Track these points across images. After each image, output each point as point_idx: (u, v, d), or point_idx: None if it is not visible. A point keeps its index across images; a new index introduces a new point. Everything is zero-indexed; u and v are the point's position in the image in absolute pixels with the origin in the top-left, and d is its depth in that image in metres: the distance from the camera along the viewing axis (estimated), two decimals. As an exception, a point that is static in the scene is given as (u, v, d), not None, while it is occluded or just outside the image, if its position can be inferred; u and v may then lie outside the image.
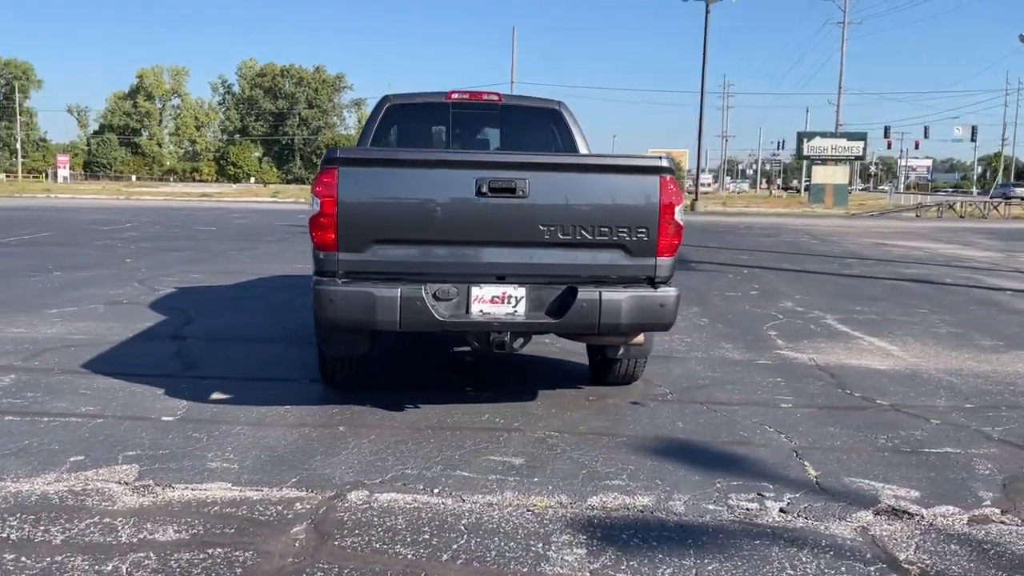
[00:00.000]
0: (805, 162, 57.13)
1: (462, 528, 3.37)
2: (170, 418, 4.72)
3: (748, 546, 3.25)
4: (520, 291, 4.53)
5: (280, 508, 3.53)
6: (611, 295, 4.49)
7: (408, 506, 3.57)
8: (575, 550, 3.19)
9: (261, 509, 3.52)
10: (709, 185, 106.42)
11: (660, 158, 4.62)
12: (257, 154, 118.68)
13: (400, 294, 4.37)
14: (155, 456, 4.11)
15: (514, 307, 4.53)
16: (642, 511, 3.58)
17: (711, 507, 3.62)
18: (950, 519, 3.55)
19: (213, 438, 4.39)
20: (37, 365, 5.88)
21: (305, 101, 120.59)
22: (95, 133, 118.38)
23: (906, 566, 3.12)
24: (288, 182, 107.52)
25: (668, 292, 4.59)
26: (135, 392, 5.23)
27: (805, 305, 9.55)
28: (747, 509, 3.61)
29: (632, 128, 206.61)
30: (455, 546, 3.20)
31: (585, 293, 4.47)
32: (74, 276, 10.77)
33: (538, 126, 6.70)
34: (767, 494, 3.77)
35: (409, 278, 4.46)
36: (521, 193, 4.42)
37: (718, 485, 3.87)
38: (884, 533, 3.40)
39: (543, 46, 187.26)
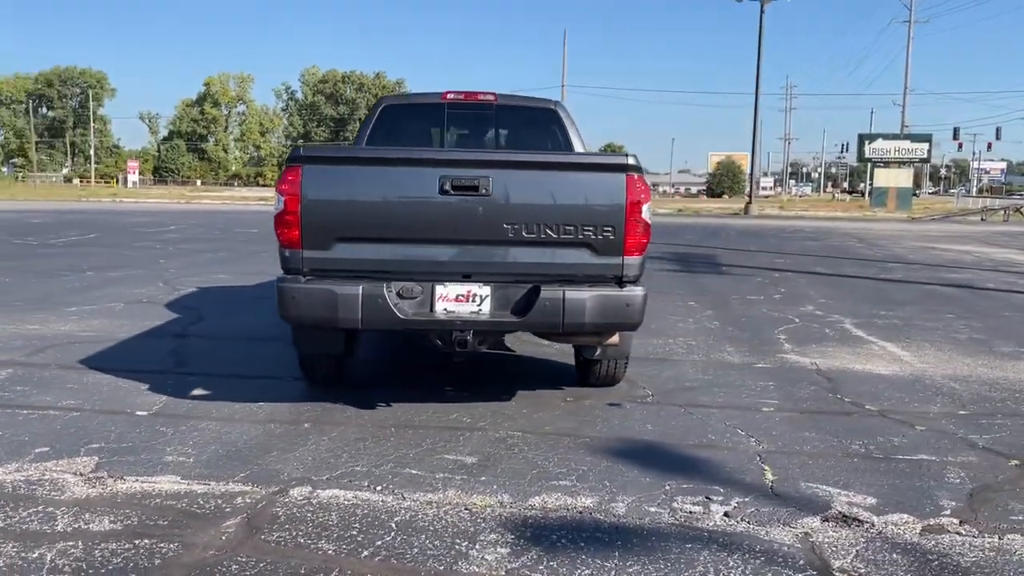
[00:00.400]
0: (869, 165, 55.82)
1: (392, 525, 3.35)
2: (144, 413, 4.81)
3: (677, 549, 3.18)
4: (485, 290, 4.50)
5: (220, 502, 3.57)
6: (575, 294, 4.43)
7: (346, 503, 3.58)
8: (498, 549, 3.16)
9: (201, 503, 3.56)
10: (770, 188, 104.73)
11: (626, 156, 4.54)
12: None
13: (361, 292, 4.38)
14: (117, 449, 4.19)
15: (479, 306, 4.50)
16: (581, 512, 3.52)
17: (653, 509, 3.55)
18: (901, 528, 3.42)
19: (179, 433, 4.46)
20: (37, 360, 6.06)
21: (365, 106, 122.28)
22: (164, 139, 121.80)
23: (838, 575, 3.01)
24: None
25: (634, 292, 4.51)
26: (120, 387, 5.34)
27: (827, 309, 9.31)
28: (690, 512, 3.53)
29: (692, 131, 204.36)
30: (379, 543, 3.19)
31: (548, 292, 4.42)
32: (105, 276, 11.08)
33: (533, 126, 6.67)
34: (715, 498, 3.68)
35: (374, 276, 4.47)
36: (484, 191, 4.39)
37: (667, 487, 3.79)
38: (826, 540, 3.29)
39: (599, 48, 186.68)
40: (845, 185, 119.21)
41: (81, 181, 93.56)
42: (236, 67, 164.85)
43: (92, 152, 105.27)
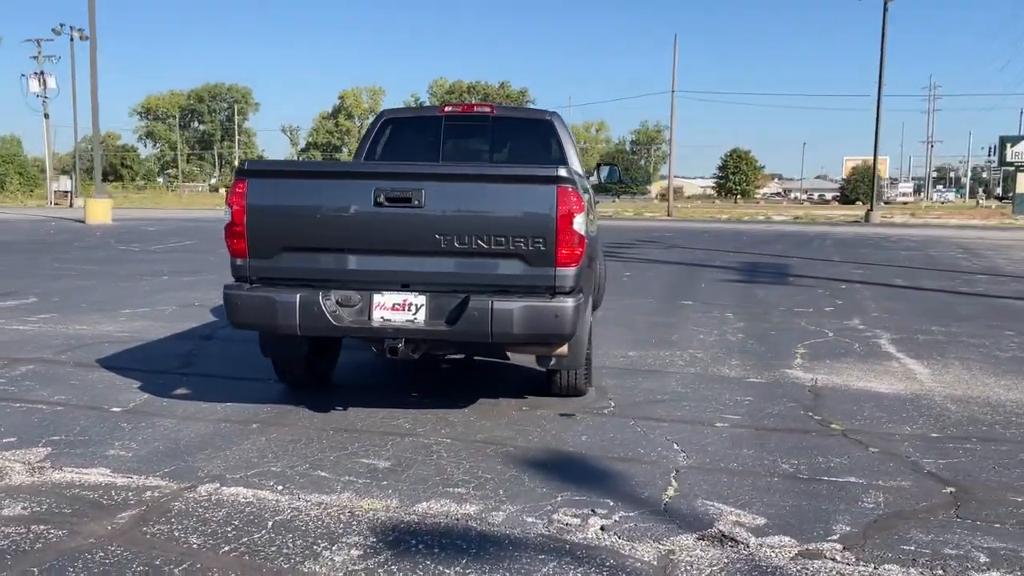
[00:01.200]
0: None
1: (269, 524, 3.51)
2: (118, 409, 5.17)
3: (527, 560, 3.19)
4: (420, 299, 4.61)
5: (130, 495, 3.81)
6: (502, 304, 4.48)
7: (241, 501, 3.76)
8: (351, 551, 3.26)
9: (113, 495, 3.81)
10: (909, 195, 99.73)
11: (557, 168, 4.56)
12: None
13: (298, 300, 4.58)
14: (74, 442, 4.53)
15: (414, 315, 4.61)
16: (458, 520, 3.58)
17: (530, 520, 3.57)
18: (775, 550, 3.31)
19: (136, 429, 4.77)
20: (62, 359, 6.57)
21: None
22: (302, 150, 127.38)
23: (674, 594, 2.97)
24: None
25: (564, 303, 4.52)
26: (114, 385, 5.74)
27: (874, 323, 8.91)
28: (565, 524, 3.53)
29: (827, 136, 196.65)
30: (245, 540, 3.35)
31: (476, 302, 4.49)
32: (177, 280, 11.80)
33: (528, 137, 6.73)
34: (600, 511, 3.66)
35: (317, 284, 4.66)
36: (417, 203, 4.51)
37: (559, 499, 3.79)
38: (687, 559, 3.23)
39: (725, 52, 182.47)
40: (998, 191, 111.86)
41: (226, 190, 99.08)
42: (369, 80, 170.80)
43: (236, 163, 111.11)
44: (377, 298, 4.63)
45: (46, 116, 54.60)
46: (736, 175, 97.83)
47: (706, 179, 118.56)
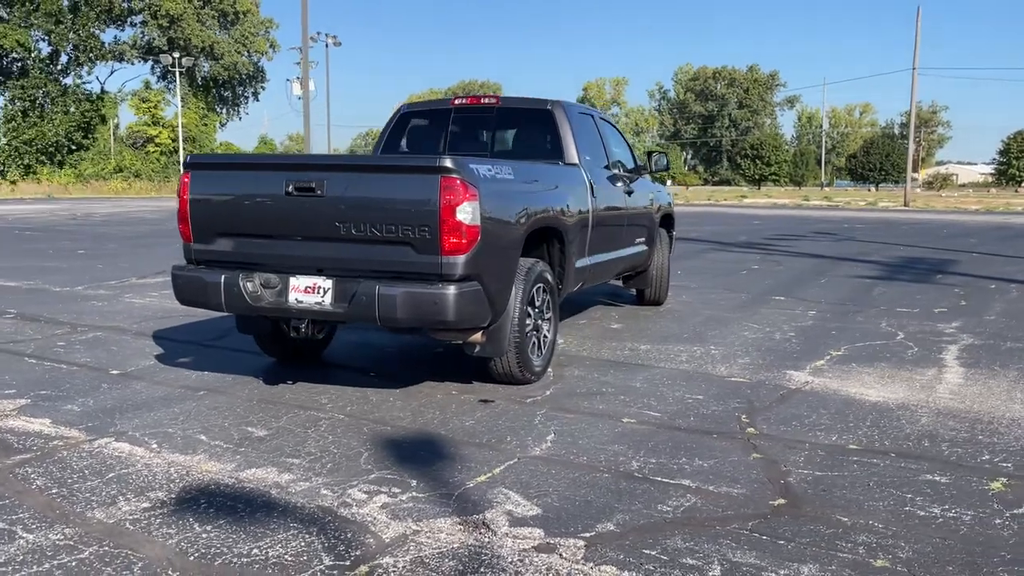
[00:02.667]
0: None
1: (108, 475, 3.97)
2: (116, 372, 5.94)
3: (275, 525, 3.41)
4: (328, 283, 4.93)
5: (41, 441, 4.44)
6: (386, 290, 4.70)
7: (114, 454, 4.27)
8: (141, 504, 3.63)
9: (28, 441, 4.45)
10: None
11: (439, 158, 4.68)
12: (683, 156, 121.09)
13: (223, 280, 5.07)
14: (50, 396, 5.31)
15: (322, 297, 4.95)
16: (264, 486, 3.84)
17: (324, 492, 3.76)
18: (515, 540, 3.30)
19: (111, 389, 5.47)
20: (131, 328, 7.55)
21: (735, 102, 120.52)
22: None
23: (386, 558, 3.10)
24: (715, 184, 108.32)
25: (445, 290, 4.65)
26: (141, 351, 6.57)
27: (970, 328, 7.98)
28: (348, 499, 3.69)
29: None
30: (75, 486, 3.84)
31: (365, 286, 4.74)
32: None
33: (529, 127, 6.81)
34: (396, 490, 3.79)
35: (247, 266, 5.13)
36: (319, 192, 4.84)
37: (372, 476, 3.97)
38: (421, 540, 3.30)
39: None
40: None
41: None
42: (613, 72, 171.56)
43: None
44: (293, 281, 5.00)
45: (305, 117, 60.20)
46: (1020, 160, 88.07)
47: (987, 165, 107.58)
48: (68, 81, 64.09)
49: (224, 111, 76.51)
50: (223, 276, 5.07)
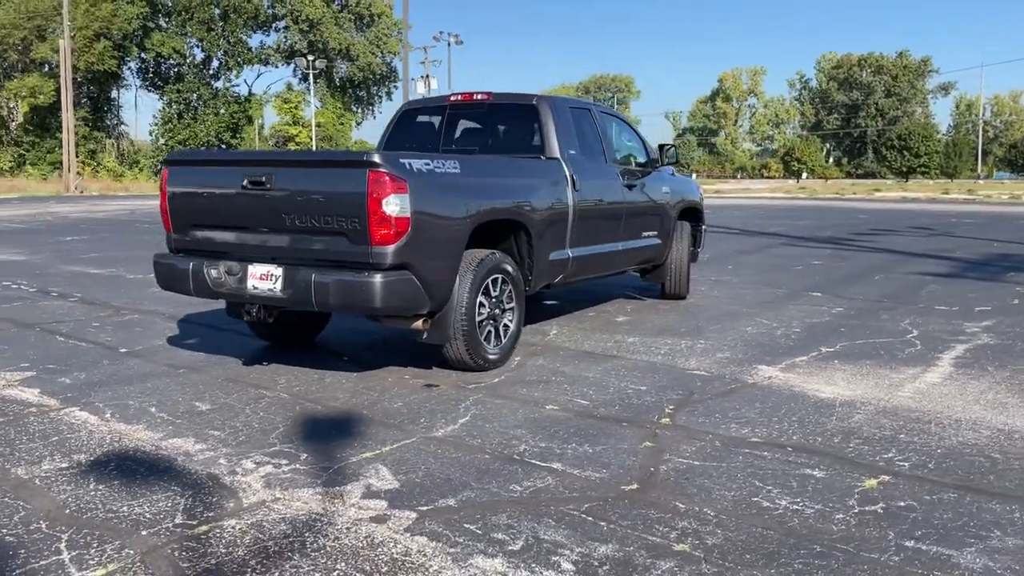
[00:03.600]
0: None
1: (52, 439, 4.47)
2: (124, 350, 6.55)
3: (159, 487, 3.79)
4: (279, 271, 5.32)
5: (17, 407, 5.01)
6: (320, 277, 5.03)
7: (70, 420, 4.77)
8: (61, 464, 4.08)
9: (7, 405, 5.04)
10: None
11: (366, 153, 4.96)
12: (824, 149, 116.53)
13: (191, 268, 5.54)
14: (58, 371, 5.90)
15: (273, 284, 5.33)
16: (176, 454, 4.23)
17: (222, 461, 4.11)
18: (357, 510, 3.56)
19: (110, 365, 6.04)
20: (166, 312, 8.21)
21: (882, 90, 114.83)
22: (678, 136, 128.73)
23: (233, 520, 3.43)
24: (858, 176, 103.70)
25: (371, 279, 4.94)
26: (160, 332, 7.19)
27: (994, 329, 7.59)
28: (236, 468, 4.02)
29: None
30: (19, 445, 4.36)
31: (303, 274, 5.10)
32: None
33: (515, 122, 6.99)
34: (284, 463, 4.09)
35: (217, 255, 5.58)
36: (269, 186, 5.23)
37: (272, 449, 4.29)
38: (271, 508, 3.63)
39: None
40: None
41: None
42: (750, 61, 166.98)
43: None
44: (251, 269, 5.41)
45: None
46: None
47: None
48: (219, 85, 68.31)
49: (359, 110, 79.39)
50: (191, 264, 5.54)
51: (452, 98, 7.28)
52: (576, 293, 9.39)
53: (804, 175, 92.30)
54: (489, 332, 5.80)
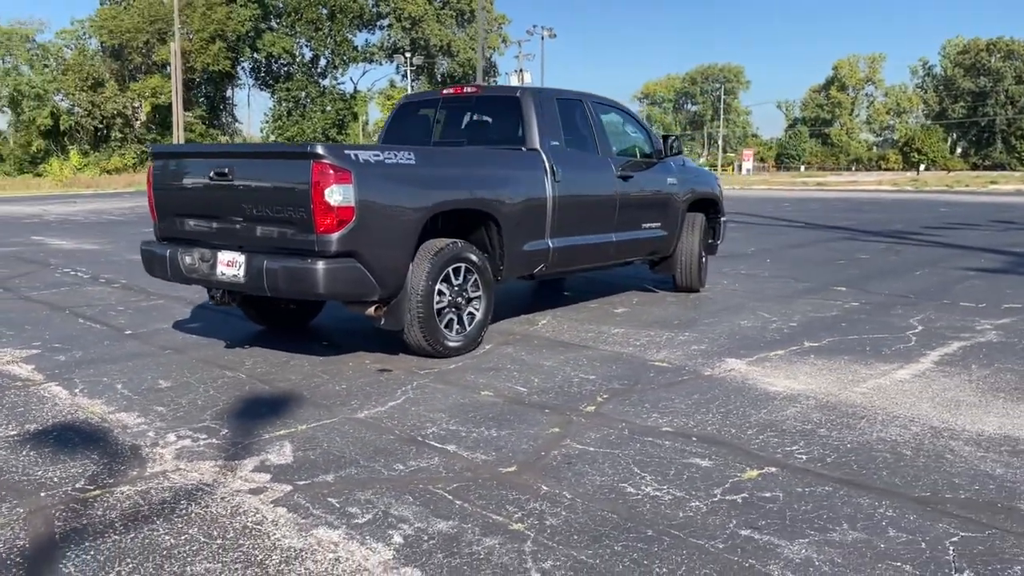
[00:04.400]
0: None
1: (12, 408, 4.90)
2: (129, 332, 7.00)
3: (94, 455, 4.11)
4: (242, 258, 5.61)
5: (3, 380, 5.51)
6: (271, 264, 5.30)
7: (43, 394, 5.17)
8: (11, 431, 4.49)
9: (-1, 381, 5.56)
10: None
11: (309, 145, 5.18)
12: (950, 138, 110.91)
13: (167, 255, 5.90)
14: (57, 348, 6.40)
15: (238, 271, 5.64)
16: (119, 427, 4.54)
17: (150, 433, 4.43)
18: (233, 476, 3.79)
19: (109, 346, 6.49)
20: (188, 297, 8.68)
21: (1012, 76, 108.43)
22: (788, 126, 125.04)
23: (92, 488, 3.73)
24: (985, 168, 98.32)
25: (314, 265, 5.17)
26: (170, 316, 7.64)
27: (1007, 327, 7.24)
28: (154, 439, 4.33)
29: None
30: (-14, 415, 4.82)
31: (257, 260, 5.37)
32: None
33: (499, 114, 7.09)
34: (203, 436, 4.37)
35: (194, 243, 5.93)
36: (231, 178, 5.53)
37: (200, 425, 4.56)
38: (163, 476, 3.91)
39: None
40: None
41: (711, 169, 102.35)
42: (867, 47, 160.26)
43: (720, 141, 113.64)
44: (220, 255, 5.73)
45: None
46: None
47: None
48: (326, 82, 70.61)
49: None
50: (168, 251, 5.90)
51: (445, 91, 7.45)
52: (590, 284, 9.43)
53: (923, 167, 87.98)
54: (451, 320, 5.94)
